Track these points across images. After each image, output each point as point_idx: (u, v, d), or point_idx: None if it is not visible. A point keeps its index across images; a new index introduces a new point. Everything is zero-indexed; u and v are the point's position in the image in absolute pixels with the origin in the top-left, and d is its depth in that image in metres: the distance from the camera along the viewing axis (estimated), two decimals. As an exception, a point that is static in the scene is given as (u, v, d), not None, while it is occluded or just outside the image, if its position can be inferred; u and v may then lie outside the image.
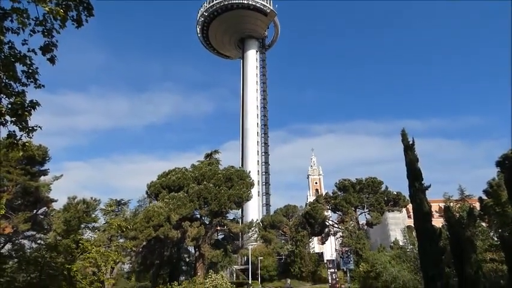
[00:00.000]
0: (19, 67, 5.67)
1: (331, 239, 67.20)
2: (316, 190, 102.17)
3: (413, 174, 14.63)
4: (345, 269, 23.82)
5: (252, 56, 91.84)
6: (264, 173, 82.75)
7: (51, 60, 5.93)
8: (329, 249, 79.36)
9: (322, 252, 66.61)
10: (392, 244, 45.11)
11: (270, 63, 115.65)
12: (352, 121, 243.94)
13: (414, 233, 25.56)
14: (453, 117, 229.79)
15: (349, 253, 22.35)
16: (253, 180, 43.03)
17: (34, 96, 5.76)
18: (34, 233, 30.13)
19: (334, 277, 25.76)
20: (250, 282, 21.42)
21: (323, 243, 64.32)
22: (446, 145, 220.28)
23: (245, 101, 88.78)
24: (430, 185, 15.26)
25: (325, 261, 41.15)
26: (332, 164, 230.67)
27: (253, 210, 71.55)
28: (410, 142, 15.40)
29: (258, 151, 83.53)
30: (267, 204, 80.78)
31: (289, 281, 15.47)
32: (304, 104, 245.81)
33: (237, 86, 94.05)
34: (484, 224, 17.17)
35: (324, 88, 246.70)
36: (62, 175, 33.80)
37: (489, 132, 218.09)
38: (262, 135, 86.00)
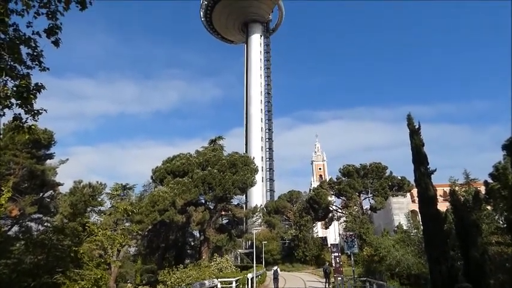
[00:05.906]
0: (24, 50, 5.65)
1: (335, 223, 67.72)
2: (320, 176, 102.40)
3: (419, 159, 14.45)
4: (348, 253, 23.88)
5: (256, 40, 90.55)
6: (268, 159, 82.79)
7: (56, 43, 5.89)
8: (332, 233, 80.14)
9: (325, 237, 67.25)
10: (396, 228, 45.28)
11: (274, 48, 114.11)
12: (358, 107, 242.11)
13: (418, 217, 25.55)
14: (461, 102, 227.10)
15: (353, 237, 22.36)
16: (257, 166, 43.02)
17: (40, 80, 5.79)
18: (41, 215, 30.54)
19: (337, 261, 25.85)
20: (277, 268, 21.85)
21: (327, 228, 64.86)
22: (453, 130, 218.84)
23: (249, 86, 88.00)
24: (435, 169, 15.05)
25: (329, 246, 41.50)
26: (336, 150, 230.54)
27: (258, 196, 72.00)
28: (416, 127, 15.15)
29: (262, 137, 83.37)
30: (271, 190, 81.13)
31: (276, 267, 16.00)
32: (310, 90, 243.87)
33: (243, 71, 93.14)
34: (489, 207, 17.07)
35: (330, 74, 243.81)
36: (67, 159, 34.14)
37: (497, 116, 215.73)
38: (267, 121, 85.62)
